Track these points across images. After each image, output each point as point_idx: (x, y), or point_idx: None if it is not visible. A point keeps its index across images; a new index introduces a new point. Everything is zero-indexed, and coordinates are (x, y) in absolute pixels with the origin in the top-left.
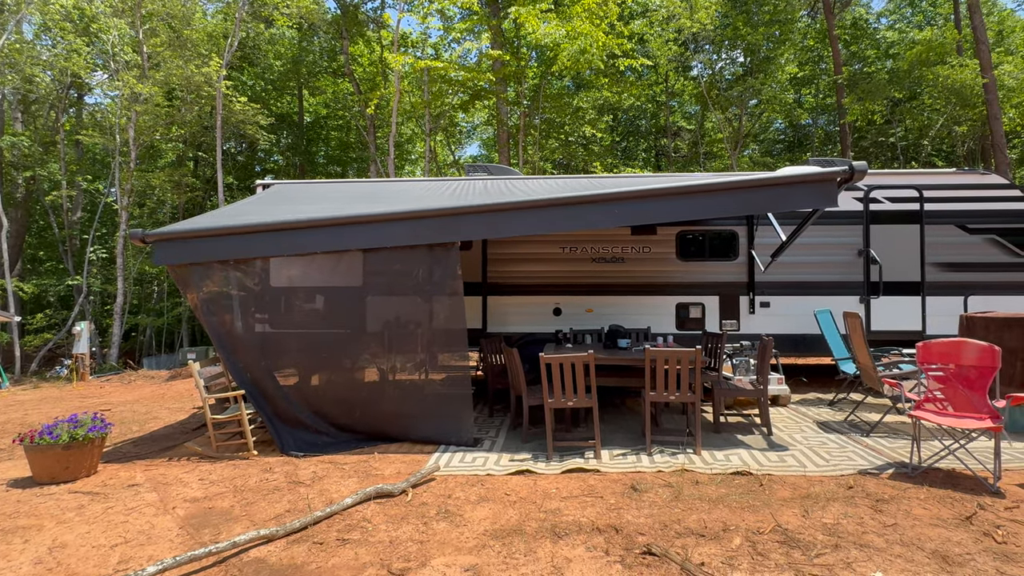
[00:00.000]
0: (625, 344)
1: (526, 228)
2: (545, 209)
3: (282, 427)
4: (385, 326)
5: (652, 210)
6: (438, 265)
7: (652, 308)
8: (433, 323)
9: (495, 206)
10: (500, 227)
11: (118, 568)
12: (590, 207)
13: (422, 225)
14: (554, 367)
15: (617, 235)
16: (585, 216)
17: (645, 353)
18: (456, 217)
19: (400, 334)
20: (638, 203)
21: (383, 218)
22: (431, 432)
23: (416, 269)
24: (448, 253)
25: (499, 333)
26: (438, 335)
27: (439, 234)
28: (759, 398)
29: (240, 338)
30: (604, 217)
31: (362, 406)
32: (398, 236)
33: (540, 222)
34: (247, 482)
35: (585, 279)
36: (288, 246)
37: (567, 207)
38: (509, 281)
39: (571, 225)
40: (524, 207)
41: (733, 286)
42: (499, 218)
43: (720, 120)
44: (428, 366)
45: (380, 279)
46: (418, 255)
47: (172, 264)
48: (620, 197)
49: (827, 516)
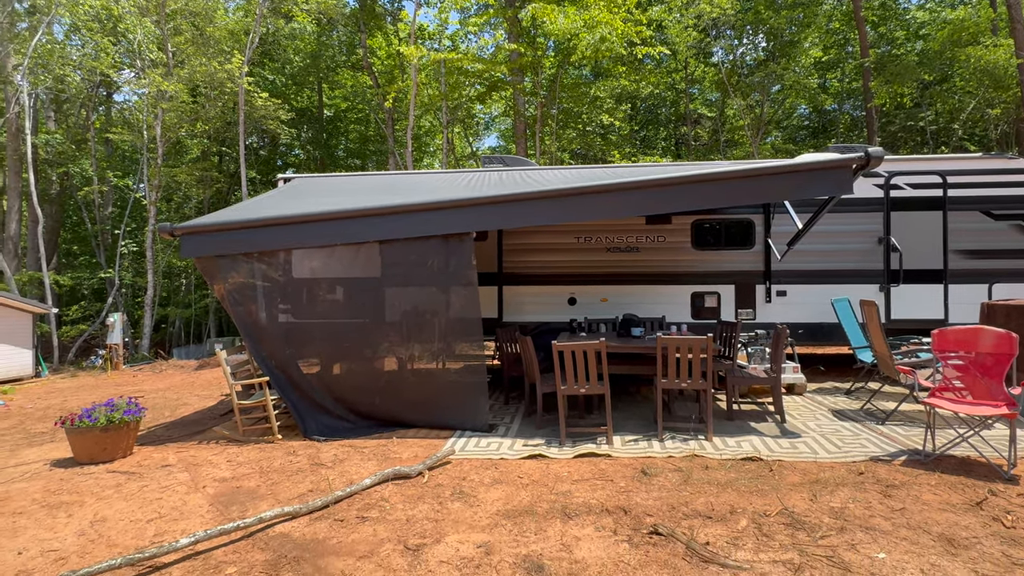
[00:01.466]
0: (639, 333)
1: (540, 218)
2: (559, 199)
3: (305, 412)
4: (402, 316)
5: (666, 199)
6: (453, 255)
7: (667, 297)
8: (449, 313)
9: (510, 196)
10: (515, 217)
11: (153, 540)
12: (605, 197)
13: (437, 216)
14: (567, 355)
15: (632, 224)
16: (600, 206)
17: (657, 341)
18: (471, 208)
19: (417, 324)
20: (652, 192)
21: (399, 210)
22: (447, 418)
23: (432, 260)
24: (463, 243)
25: (515, 323)
26: (454, 324)
27: (454, 225)
28: (773, 386)
29: (264, 327)
30: (618, 207)
31: (381, 393)
32: (414, 227)
33: (554, 212)
34: (272, 464)
35: (600, 269)
36: (307, 238)
37: (581, 197)
38: (524, 271)
39: (586, 215)
40: (538, 197)
41: (749, 275)
42: (513, 208)
43: (741, 107)
44: (444, 355)
45: (397, 270)
46: (433, 246)
47: (198, 256)
48: (635, 186)
49: (835, 500)
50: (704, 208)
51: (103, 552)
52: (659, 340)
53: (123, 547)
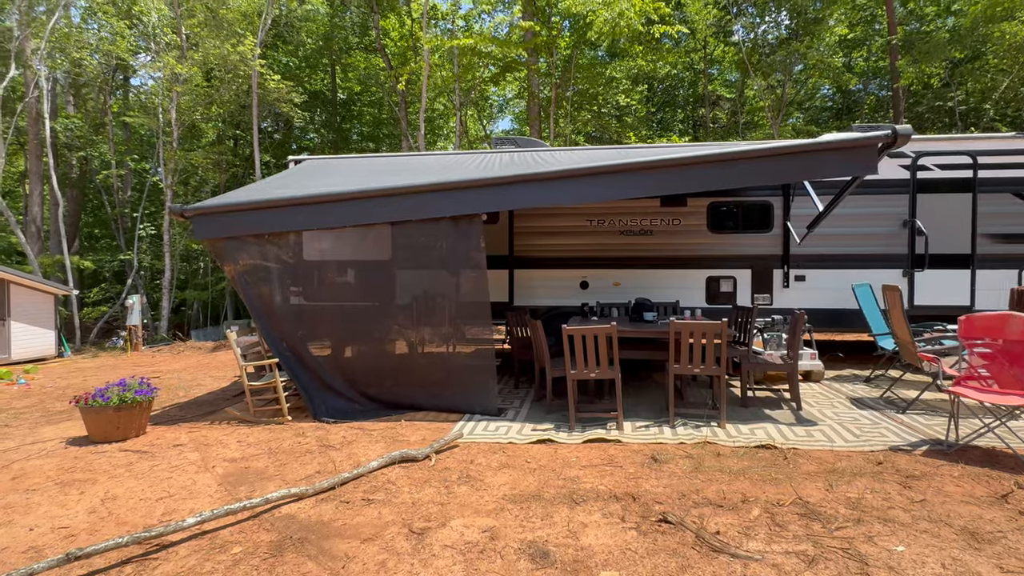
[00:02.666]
0: (651, 317)
1: (551, 199)
2: (571, 180)
3: (315, 394)
4: (411, 298)
5: (683, 180)
6: (462, 238)
7: (681, 282)
8: (457, 296)
9: (520, 177)
10: (525, 198)
11: (162, 519)
12: (618, 177)
13: (445, 197)
14: (577, 339)
15: (645, 207)
16: (613, 186)
17: (670, 325)
18: (480, 189)
19: (425, 306)
20: (668, 173)
21: (406, 191)
22: (456, 402)
23: (440, 242)
24: (472, 225)
25: (526, 307)
26: (462, 308)
27: (463, 206)
28: (789, 372)
29: (275, 309)
30: (632, 187)
31: (390, 376)
32: (421, 209)
33: (566, 193)
34: (281, 445)
35: (612, 252)
36: (314, 219)
37: (594, 177)
38: (536, 254)
39: (597, 196)
40: (549, 178)
41: (766, 259)
42: (524, 189)
43: (762, 87)
44: (453, 338)
45: (405, 252)
46: (442, 228)
47: (209, 238)
48: (650, 166)
49: (852, 491)
50: (723, 189)
51: (112, 530)
52: (672, 324)
53: (132, 525)
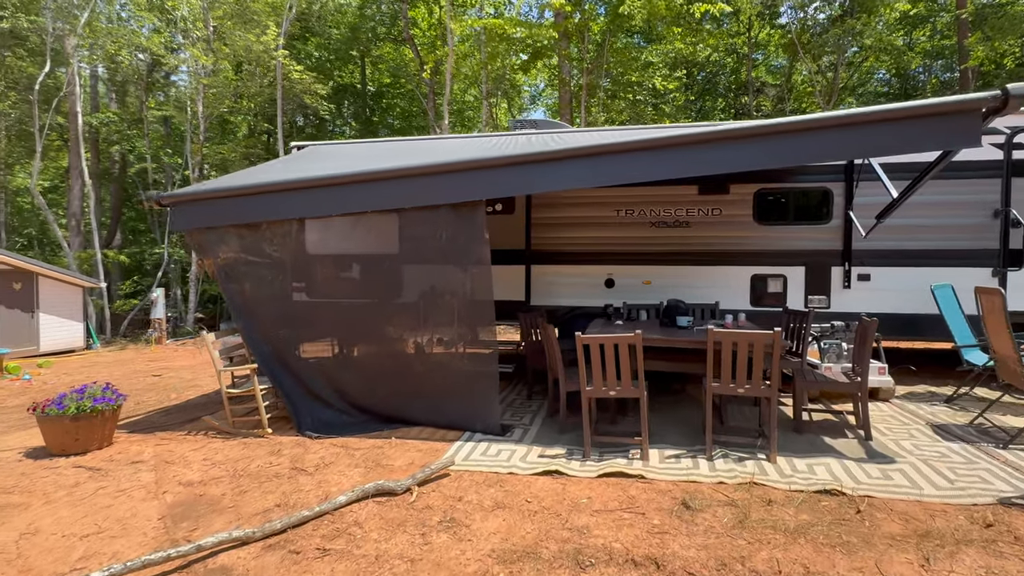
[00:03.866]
0: (686, 323)
1: (565, 182)
2: (587, 159)
3: (300, 404)
4: (404, 298)
5: (723, 157)
6: (462, 228)
7: (722, 280)
8: (455, 296)
9: (529, 157)
10: (535, 181)
11: (76, 566)
12: (647, 156)
13: (442, 181)
14: (593, 349)
15: (681, 195)
16: (640, 166)
17: (708, 335)
18: (482, 172)
19: (420, 307)
20: (709, 149)
21: (396, 174)
22: (454, 417)
23: (436, 233)
24: (474, 214)
25: (544, 307)
26: (461, 308)
27: (462, 191)
28: (855, 393)
29: (256, 307)
30: (665, 167)
31: (382, 385)
32: (415, 195)
33: (582, 174)
34: (249, 465)
35: (643, 246)
36: (294, 208)
37: (617, 156)
38: (556, 248)
39: (619, 177)
40: (563, 157)
41: (824, 255)
42: (534, 171)
43: (811, 72)
44: (450, 344)
45: (397, 245)
46: (439, 216)
47: (188, 229)
48: (686, 141)
49: (959, 568)
50: (776, 167)
51: None
52: (711, 333)
53: (36, 573)
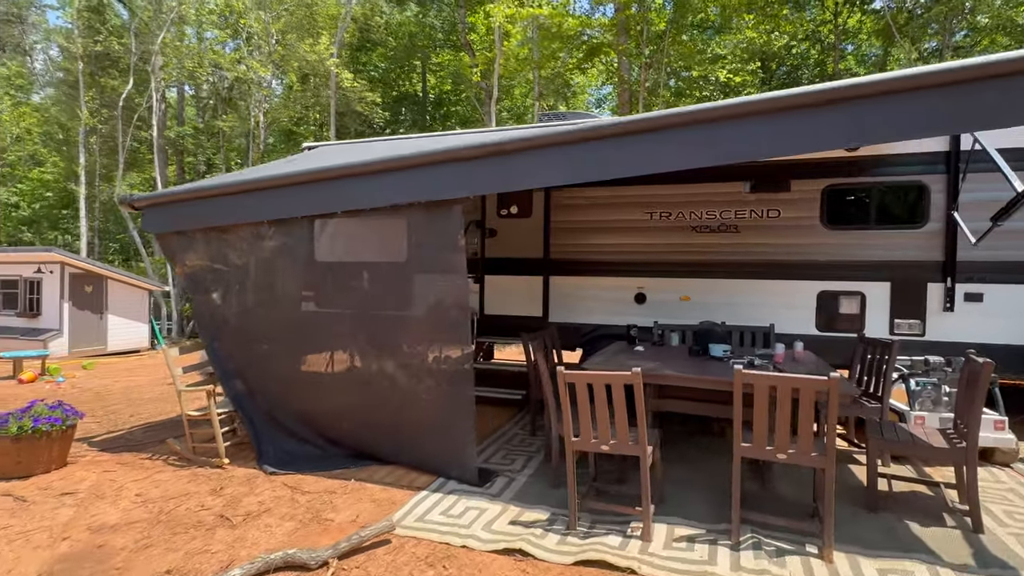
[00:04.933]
0: (720, 353)
1: (561, 174)
2: (595, 143)
3: (264, 432)
4: (367, 314)
5: (772, 135)
6: (434, 233)
7: (780, 298)
8: (423, 311)
9: (507, 145)
10: (523, 174)
11: None
12: (663, 137)
13: (409, 177)
14: (580, 388)
15: (728, 194)
16: (663, 152)
17: (736, 377)
18: (454, 165)
19: (384, 326)
20: (744, 124)
21: (355, 171)
22: (424, 458)
23: (404, 238)
24: (449, 215)
25: (565, 324)
26: (429, 327)
27: (433, 188)
28: (960, 461)
29: (218, 320)
30: (685, 154)
31: (349, 416)
32: (377, 194)
33: (586, 165)
34: (179, 507)
35: (680, 255)
36: (243, 213)
37: (633, 138)
38: (578, 256)
39: (642, 166)
40: (556, 142)
41: (917, 267)
42: (521, 161)
43: (910, 61)
44: (417, 370)
45: (360, 252)
46: (407, 219)
47: (158, 232)
48: (711, 117)
49: None
50: (849, 145)
51: None
52: (739, 377)
53: None
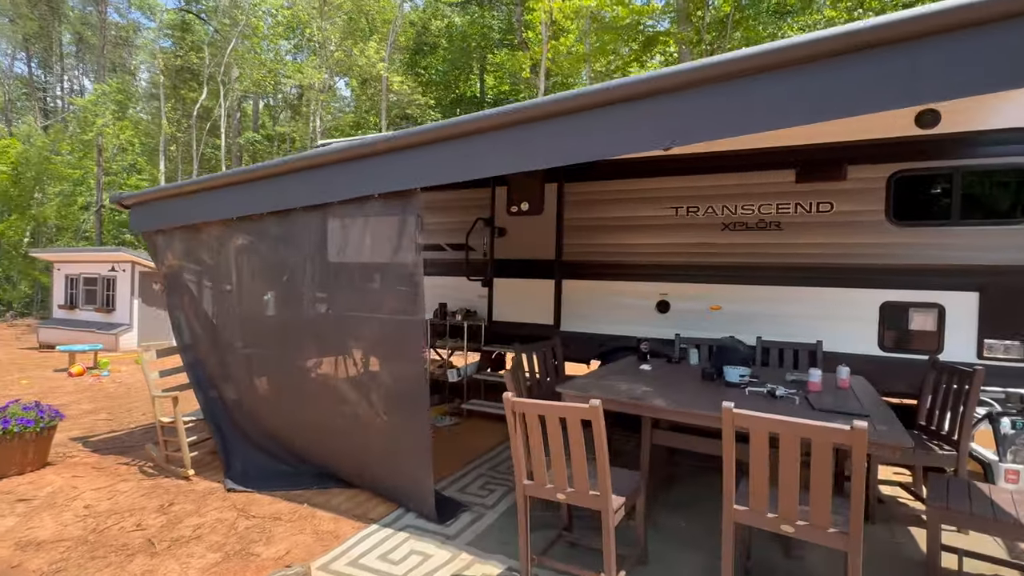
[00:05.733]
0: (736, 377)
1: (527, 157)
2: (588, 113)
3: (232, 443)
4: (318, 320)
5: (834, 98)
6: (386, 228)
7: (833, 309)
8: (375, 316)
9: (465, 124)
10: (486, 159)
11: None
12: (674, 99)
13: (360, 170)
14: (530, 420)
15: (768, 184)
16: (659, 124)
17: (724, 416)
18: (403, 153)
19: (333, 333)
20: (784, 75)
21: (300, 166)
22: (382, 484)
23: (357, 235)
24: (405, 208)
25: (578, 333)
26: (376, 338)
27: (379, 179)
28: None
29: (190, 324)
30: (697, 125)
31: (308, 432)
32: (330, 189)
33: (568, 142)
34: (115, 526)
35: (710, 257)
36: (213, 210)
37: (628, 105)
38: (593, 258)
39: (620, 145)
40: (539, 115)
41: (1017, 274)
42: (471, 147)
43: None
44: (367, 384)
45: (311, 254)
46: (361, 212)
47: (143, 231)
48: (737, 70)
49: None
50: (946, 97)
51: None
52: (727, 415)
53: None
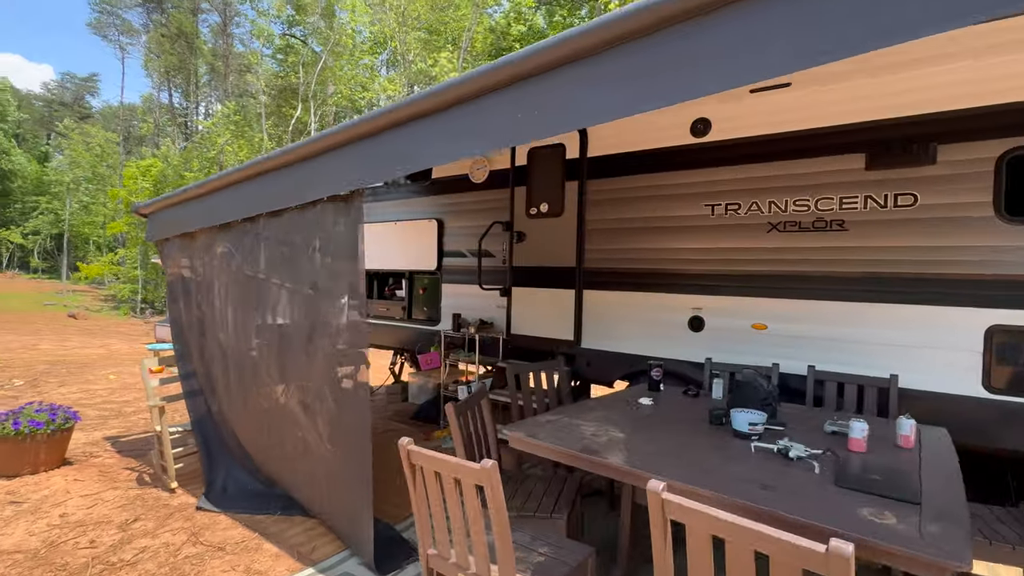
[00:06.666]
0: (745, 427)
1: (482, 137)
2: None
3: (219, 459)
4: (266, 334)
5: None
6: (331, 232)
7: (915, 334)
8: (308, 333)
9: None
10: (424, 150)
11: None
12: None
13: (306, 170)
14: (428, 476)
15: (830, 173)
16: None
17: (650, 502)
18: (332, 153)
19: (276, 347)
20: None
21: (273, 165)
22: (328, 518)
23: (304, 241)
24: (348, 211)
25: (601, 352)
26: (312, 355)
27: (318, 182)
28: None
29: (181, 336)
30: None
31: (273, 452)
32: (288, 191)
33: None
34: (71, 540)
35: (753, 265)
36: (198, 217)
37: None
38: (617, 265)
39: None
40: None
41: None
42: (423, 130)
43: None
44: (307, 405)
45: (275, 259)
46: (311, 217)
47: (155, 240)
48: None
49: None
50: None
51: None
52: (653, 500)
53: None
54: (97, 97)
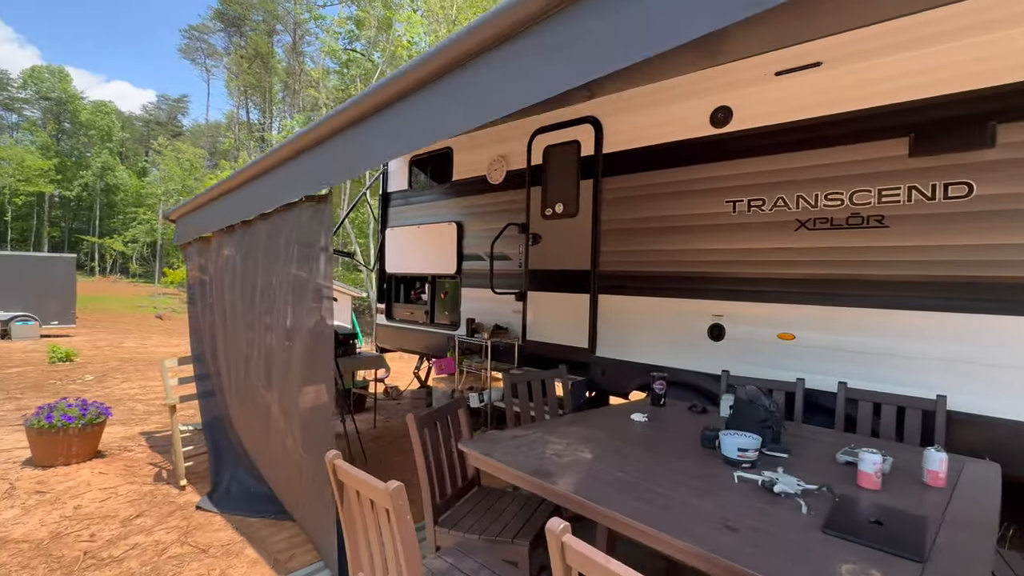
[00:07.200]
0: (733, 454)
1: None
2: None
3: (227, 458)
4: (247, 337)
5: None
6: (300, 235)
7: (967, 348)
8: (278, 337)
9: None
10: (373, 145)
11: None
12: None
13: (285, 172)
14: (349, 494)
15: (866, 163)
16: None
17: (549, 544)
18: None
19: (253, 351)
20: None
21: (260, 170)
22: (305, 526)
23: (273, 243)
24: (318, 212)
25: (616, 361)
26: (283, 359)
27: (285, 187)
28: None
29: (198, 336)
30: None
31: (263, 454)
32: (273, 192)
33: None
34: (74, 532)
35: (780, 267)
36: (204, 223)
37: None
38: (632, 268)
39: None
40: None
41: None
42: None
43: None
44: (291, 409)
45: (263, 261)
46: (286, 219)
47: (179, 244)
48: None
49: None
50: None
51: None
52: (552, 541)
53: None
54: (187, 116)
